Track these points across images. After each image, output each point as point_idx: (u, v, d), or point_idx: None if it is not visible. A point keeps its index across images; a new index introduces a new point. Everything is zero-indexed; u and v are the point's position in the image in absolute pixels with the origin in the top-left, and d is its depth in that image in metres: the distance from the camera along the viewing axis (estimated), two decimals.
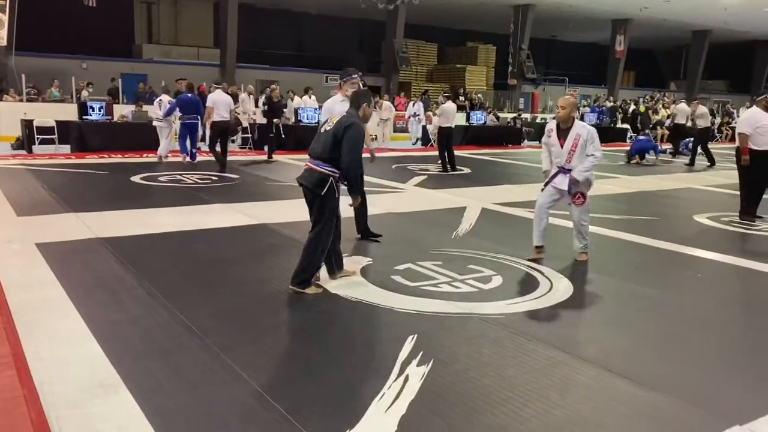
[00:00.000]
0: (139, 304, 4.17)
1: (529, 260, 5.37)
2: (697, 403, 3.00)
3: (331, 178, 4.43)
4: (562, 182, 5.28)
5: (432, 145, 16.03)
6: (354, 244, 5.79)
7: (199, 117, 12.16)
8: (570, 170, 5.25)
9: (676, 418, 2.88)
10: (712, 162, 14.54)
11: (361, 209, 5.95)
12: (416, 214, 7.64)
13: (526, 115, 22.80)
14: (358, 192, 4.76)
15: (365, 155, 5.56)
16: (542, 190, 5.46)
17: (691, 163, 14.73)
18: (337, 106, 5.81)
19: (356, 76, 5.97)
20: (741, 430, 2.76)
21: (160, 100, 12.95)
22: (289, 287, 4.51)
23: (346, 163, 4.39)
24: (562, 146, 5.27)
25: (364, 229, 6.14)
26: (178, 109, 12.15)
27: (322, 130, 4.56)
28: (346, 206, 5.00)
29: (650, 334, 3.97)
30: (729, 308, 4.64)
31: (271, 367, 3.31)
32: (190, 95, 12.43)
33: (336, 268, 4.84)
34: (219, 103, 11.10)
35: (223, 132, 11.19)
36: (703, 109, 15.11)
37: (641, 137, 15.87)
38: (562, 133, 5.26)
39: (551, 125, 5.47)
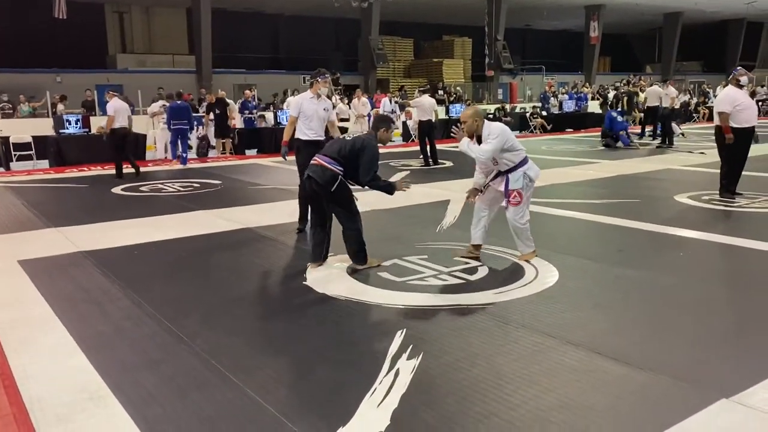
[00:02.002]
0: (125, 315, 4.14)
1: (462, 257, 5.28)
2: (684, 380, 3.04)
3: (340, 176, 4.87)
4: (499, 184, 5.17)
5: (413, 141, 16.04)
6: (341, 243, 5.78)
7: (188, 123, 12.99)
8: (508, 172, 5.03)
9: (664, 395, 2.91)
10: (668, 142, 14.96)
11: None
12: (400, 210, 7.65)
13: (506, 106, 22.86)
14: (389, 189, 5.06)
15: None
16: (482, 192, 5.35)
17: (663, 142, 15.05)
18: (305, 102, 6.50)
19: (327, 75, 6.52)
20: (728, 402, 2.80)
21: (164, 105, 13.34)
22: (357, 268, 4.99)
23: (366, 182, 4.90)
24: None
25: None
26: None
27: (348, 137, 5.04)
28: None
29: (636, 315, 4.01)
30: (713, 285, 4.70)
31: (261, 369, 3.31)
32: (179, 102, 13.01)
33: (323, 257, 5.16)
34: (121, 111, 11.13)
35: (123, 138, 11.24)
36: (670, 90, 15.50)
37: (619, 118, 15.96)
38: (479, 141, 5.08)
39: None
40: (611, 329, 3.76)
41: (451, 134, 5.14)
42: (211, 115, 14.80)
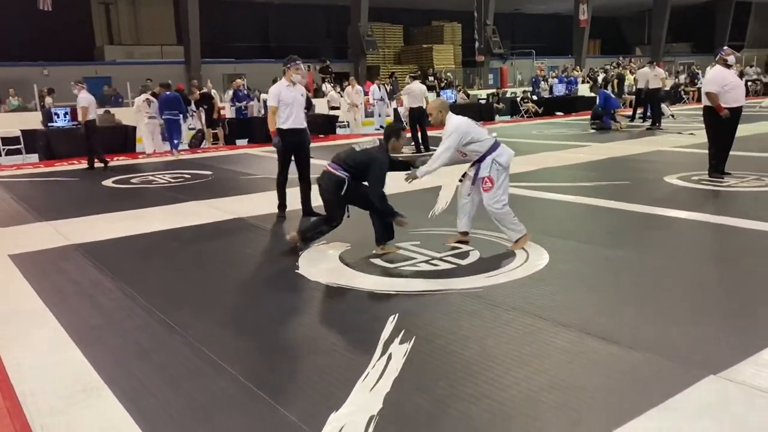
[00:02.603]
0: (117, 307, 4.14)
1: (452, 243, 5.29)
2: (674, 358, 3.07)
3: (346, 180, 4.98)
4: (472, 171, 5.19)
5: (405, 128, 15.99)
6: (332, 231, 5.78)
7: (181, 113, 13.25)
8: (480, 160, 5.03)
9: (654, 374, 2.94)
10: (657, 123, 15.02)
11: (305, 193, 6.66)
12: (392, 197, 7.56)
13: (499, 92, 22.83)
14: (392, 216, 5.13)
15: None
16: (460, 181, 5.37)
17: (653, 124, 15.10)
18: (284, 91, 6.58)
19: (299, 62, 6.62)
20: (716, 379, 2.84)
21: (147, 99, 13.23)
22: (379, 251, 5.08)
23: (377, 199, 4.98)
24: None
25: (308, 209, 6.67)
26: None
27: (358, 148, 5.08)
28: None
29: (626, 296, 4.04)
30: (702, 264, 4.74)
31: (254, 357, 3.32)
32: (168, 93, 13.13)
33: (311, 241, 5.34)
34: (92, 102, 11.24)
35: (95, 130, 11.33)
36: (658, 71, 15.56)
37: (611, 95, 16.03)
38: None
39: None
40: (601, 310, 3.79)
41: (405, 180, 5.22)
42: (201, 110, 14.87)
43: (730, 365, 2.94)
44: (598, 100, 15.94)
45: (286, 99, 6.55)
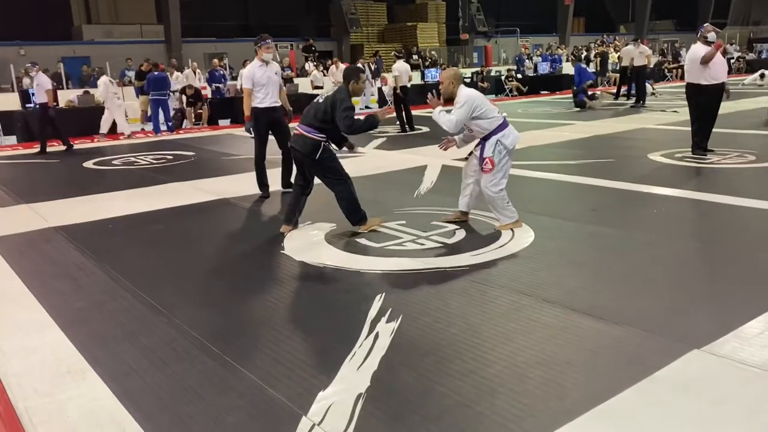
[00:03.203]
0: (101, 289, 4.10)
1: (448, 221, 5.26)
2: (658, 333, 3.10)
3: (322, 143, 4.87)
4: (477, 149, 5.15)
5: (389, 107, 15.91)
6: (317, 209, 5.75)
7: (168, 93, 13.35)
8: (484, 140, 4.95)
9: (638, 348, 2.98)
10: (642, 100, 15.00)
11: (286, 167, 6.73)
12: (378, 177, 7.64)
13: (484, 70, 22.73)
14: (370, 129, 5.10)
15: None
16: (466, 159, 5.33)
17: (637, 102, 15.08)
18: (257, 71, 6.55)
19: (269, 41, 6.60)
20: (699, 353, 2.87)
21: (105, 83, 12.79)
22: (357, 230, 5.06)
23: (347, 129, 4.83)
24: None
25: (287, 183, 6.67)
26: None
27: (320, 99, 4.96)
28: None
29: (610, 272, 4.08)
30: (685, 240, 4.78)
31: (241, 338, 3.31)
32: (157, 73, 13.25)
33: (294, 220, 5.26)
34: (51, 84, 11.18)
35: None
36: (642, 48, 15.50)
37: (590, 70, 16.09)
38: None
39: None
40: (586, 286, 3.82)
41: (426, 100, 5.05)
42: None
43: (713, 339, 2.98)
44: (575, 77, 15.95)
45: (260, 79, 6.51)
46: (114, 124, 13.14)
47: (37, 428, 2.52)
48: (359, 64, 18.62)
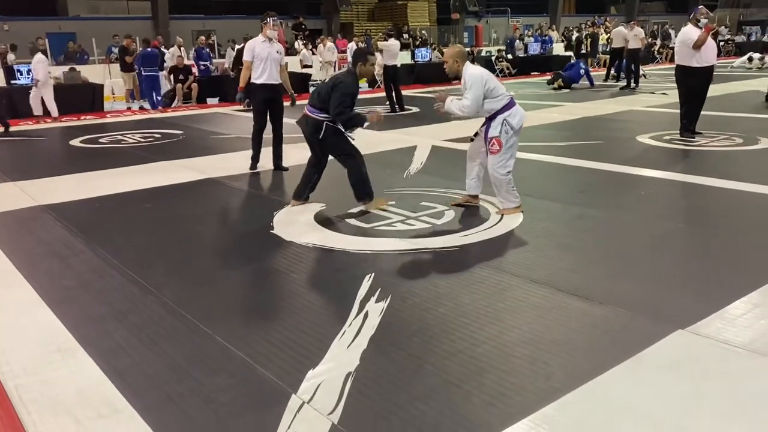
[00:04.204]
0: (90, 268, 4.09)
1: (458, 205, 5.22)
2: (643, 313, 3.15)
3: (325, 123, 4.92)
4: (482, 129, 5.11)
5: (378, 87, 15.84)
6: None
7: (159, 69, 13.46)
8: (490, 119, 4.85)
9: (624, 327, 3.02)
10: (635, 83, 14.91)
11: (278, 150, 6.82)
12: (367, 157, 7.50)
13: (474, 50, 22.61)
14: (354, 125, 5.07)
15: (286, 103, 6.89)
16: (472, 140, 5.30)
17: (628, 85, 15.01)
18: (258, 46, 6.63)
19: (276, 18, 6.71)
20: (684, 333, 2.92)
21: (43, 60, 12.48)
22: (361, 207, 5.12)
23: (333, 115, 4.88)
24: None
25: (279, 166, 6.85)
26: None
27: (327, 79, 5.20)
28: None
29: (597, 253, 4.11)
30: (672, 222, 4.82)
31: (230, 317, 3.32)
32: (149, 49, 13.40)
33: (305, 196, 5.33)
34: None
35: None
36: (637, 30, 15.37)
37: (581, 64, 16.10)
38: (460, 82, 4.92)
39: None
40: (573, 267, 3.85)
41: (433, 106, 5.00)
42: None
43: (698, 320, 3.02)
44: (568, 66, 15.93)
45: (260, 54, 6.57)
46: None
47: (27, 406, 2.53)
48: (353, 43, 18.60)
